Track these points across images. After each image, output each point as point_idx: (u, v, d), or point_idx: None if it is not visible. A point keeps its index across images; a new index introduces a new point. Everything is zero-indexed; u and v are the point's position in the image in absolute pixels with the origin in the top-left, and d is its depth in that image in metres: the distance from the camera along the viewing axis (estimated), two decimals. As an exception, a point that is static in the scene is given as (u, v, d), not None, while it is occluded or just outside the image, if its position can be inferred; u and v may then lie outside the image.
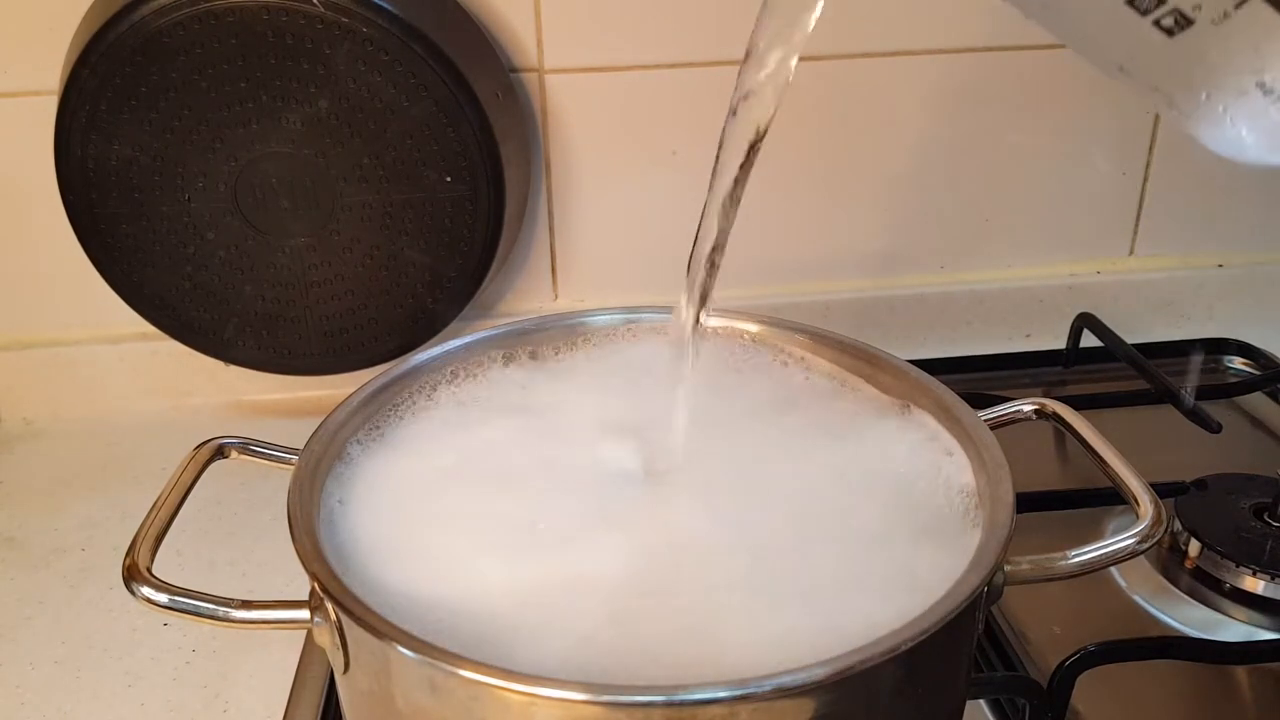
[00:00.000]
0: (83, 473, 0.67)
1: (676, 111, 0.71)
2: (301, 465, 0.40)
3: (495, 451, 0.44)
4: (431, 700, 0.32)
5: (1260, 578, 0.53)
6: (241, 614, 0.36)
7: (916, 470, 0.42)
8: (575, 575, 0.38)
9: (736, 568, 0.38)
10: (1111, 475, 0.41)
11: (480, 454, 0.44)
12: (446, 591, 0.37)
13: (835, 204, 0.75)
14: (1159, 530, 0.38)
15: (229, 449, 0.44)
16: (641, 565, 0.38)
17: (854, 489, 0.42)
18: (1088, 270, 0.79)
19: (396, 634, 0.32)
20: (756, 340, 0.50)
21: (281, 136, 0.61)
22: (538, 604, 0.36)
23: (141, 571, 0.37)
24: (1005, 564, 0.37)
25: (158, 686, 0.51)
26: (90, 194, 0.61)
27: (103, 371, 0.72)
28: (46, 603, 0.57)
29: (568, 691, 0.30)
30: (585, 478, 0.43)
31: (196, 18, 0.58)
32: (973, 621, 0.36)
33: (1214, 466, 0.61)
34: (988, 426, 0.42)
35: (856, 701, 0.32)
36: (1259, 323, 0.78)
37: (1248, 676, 0.50)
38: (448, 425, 0.45)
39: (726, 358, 0.50)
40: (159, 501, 0.40)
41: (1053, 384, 0.75)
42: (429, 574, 0.37)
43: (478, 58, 0.64)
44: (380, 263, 0.65)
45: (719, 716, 0.30)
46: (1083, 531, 0.58)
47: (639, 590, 0.37)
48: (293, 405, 0.72)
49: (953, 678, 0.37)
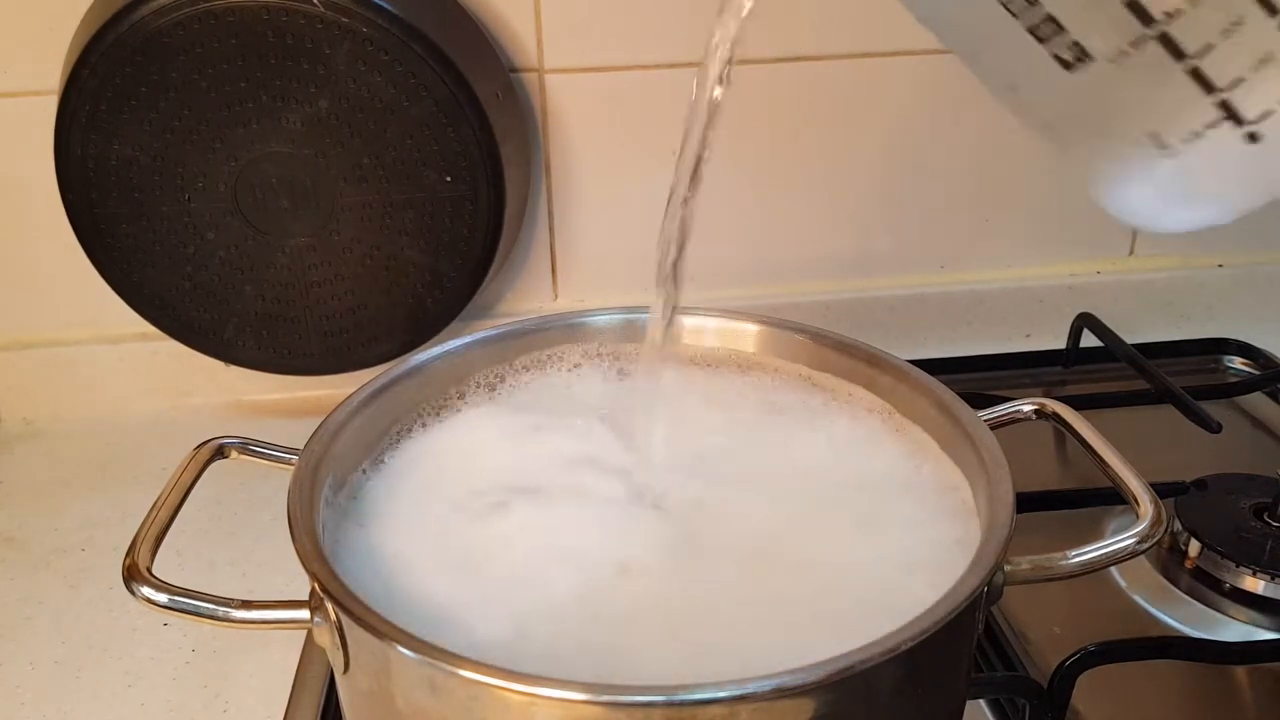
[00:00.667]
0: (83, 473, 0.67)
1: (676, 111, 0.70)
2: (301, 465, 0.40)
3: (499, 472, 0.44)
4: (431, 700, 0.32)
5: (1260, 577, 0.53)
6: (241, 614, 0.36)
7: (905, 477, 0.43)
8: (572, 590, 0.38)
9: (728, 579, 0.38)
10: (1111, 475, 0.41)
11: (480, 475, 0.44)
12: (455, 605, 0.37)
13: (835, 204, 0.75)
14: (1159, 530, 0.38)
15: (229, 449, 0.44)
16: (640, 579, 0.39)
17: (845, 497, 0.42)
18: (1088, 270, 0.79)
19: (396, 634, 0.32)
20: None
21: (281, 136, 0.61)
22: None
23: (141, 571, 0.37)
24: (1005, 564, 0.37)
25: (158, 686, 0.51)
26: (90, 194, 0.61)
27: (103, 371, 0.72)
28: (47, 602, 0.57)
29: (568, 691, 0.30)
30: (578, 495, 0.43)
31: (196, 18, 0.58)
32: (973, 621, 0.36)
33: (1214, 466, 0.61)
34: (988, 426, 0.42)
35: (856, 701, 0.32)
36: (1259, 322, 0.78)
37: (1248, 676, 0.50)
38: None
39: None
40: (159, 501, 0.40)
41: (1053, 384, 0.75)
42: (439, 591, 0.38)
43: (478, 57, 0.64)
44: (380, 263, 0.65)
45: (719, 716, 0.30)
46: (1083, 531, 0.58)
47: (642, 603, 0.37)
48: (293, 405, 0.72)
49: (953, 678, 0.37)
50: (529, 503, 0.42)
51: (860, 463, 0.45)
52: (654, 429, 0.46)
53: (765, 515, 0.42)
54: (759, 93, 0.71)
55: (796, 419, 0.47)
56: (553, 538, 0.40)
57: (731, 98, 0.71)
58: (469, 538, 0.41)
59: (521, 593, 0.38)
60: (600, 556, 0.39)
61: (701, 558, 0.40)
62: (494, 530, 0.41)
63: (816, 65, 0.70)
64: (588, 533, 0.41)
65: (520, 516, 0.41)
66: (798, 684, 0.30)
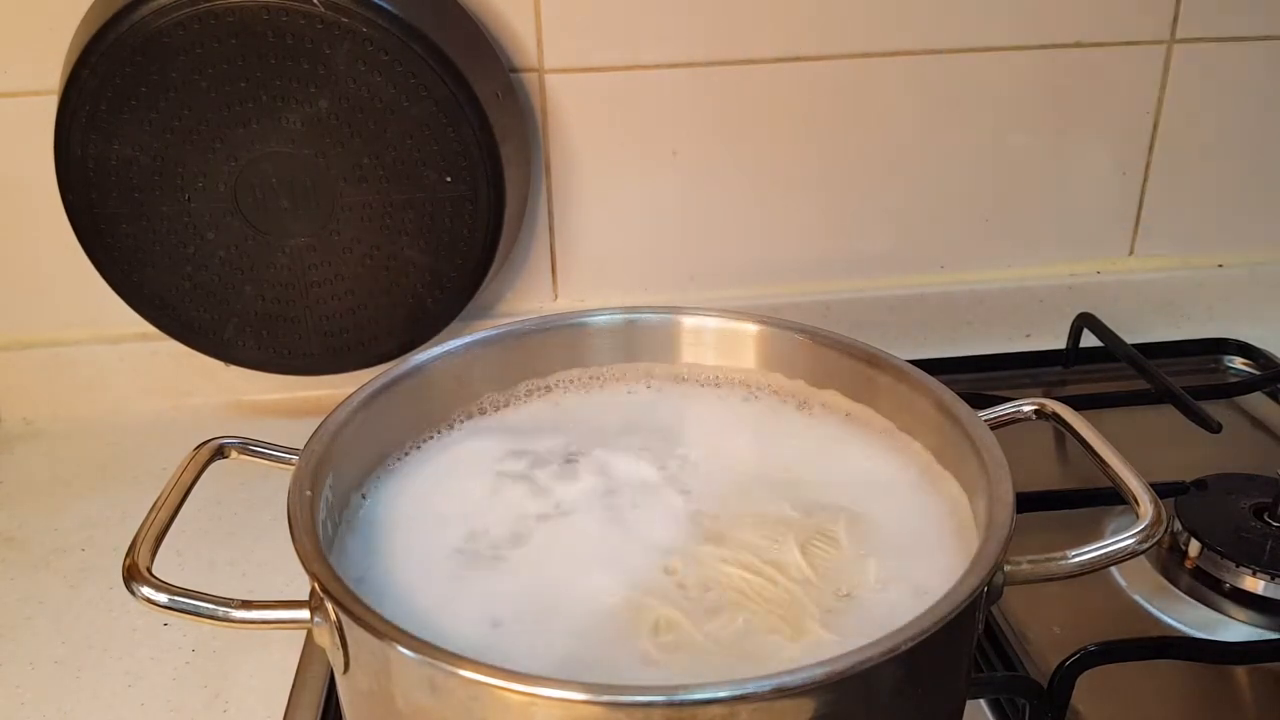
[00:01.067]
0: (83, 472, 0.67)
1: (676, 111, 0.71)
2: (301, 465, 0.40)
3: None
4: (431, 700, 0.32)
5: (1260, 577, 0.53)
6: (241, 614, 0.36)
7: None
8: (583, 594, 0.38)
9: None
10: (1111, 475, 0.41)
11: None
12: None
13: (835, 204, 0.75)
14: (1159, 530, 0.38)
15: (229, 449, 0.44)
16: (654, 584, 0.39)
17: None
18: (1088, 270, 0.79)
19: (396, 634, 0.32)
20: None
21: (281, 136, 0.61)
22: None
23: (141, 571, 0.37)
24: (1005, 564, 0.37)
25: (158, 686, 0.51)
26: (90, 194, 0.61)
27: (103, 371, 0.72)
28: (47, 602, 0.57)
29: (568, 691, 0.30)
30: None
31: (196, 18, 0.58)
32: (973, 621, 0.36)
33: (1214, 466, 0.61)
34: (988, 426, 0.42)
35: (856, 702, 0.32)
36: (1259, 322, 0.78)
37: (1247, 676, 0.50)
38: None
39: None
40: (159, 501, 0.40)
41: (1053, 384, 0.75)
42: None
43: (478, 58, 0.64)
44: (380, 263, 0.65)
45: (719, 716, 0.30)
46: (1083, 531, 0.58)
47: (660, 606, 0.38)
48: (293, 405, 0.72)
49: (952, 678, 0.37)
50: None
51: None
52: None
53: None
54: (759, 93, 0.71)
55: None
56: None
57: (732, 98, 0.71)
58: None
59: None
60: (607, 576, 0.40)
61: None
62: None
63: (817, 65, 0.70)
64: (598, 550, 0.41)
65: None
66: (798, 684, 0.30)
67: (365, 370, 0.67)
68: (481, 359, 0.49)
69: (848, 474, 0.45)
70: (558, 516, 0.43)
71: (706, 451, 0.47)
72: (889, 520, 0.42)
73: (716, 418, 0.49)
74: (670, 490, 0.44)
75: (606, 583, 0.39)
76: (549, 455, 0.46)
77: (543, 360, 0.50)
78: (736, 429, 0.49)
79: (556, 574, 0.40)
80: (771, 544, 0.41)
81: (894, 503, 0.43)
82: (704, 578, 0.39)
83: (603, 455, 0.46)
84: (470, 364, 0.49)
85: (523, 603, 0.38)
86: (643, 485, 0.44)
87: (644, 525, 0.42)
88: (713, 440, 0.48)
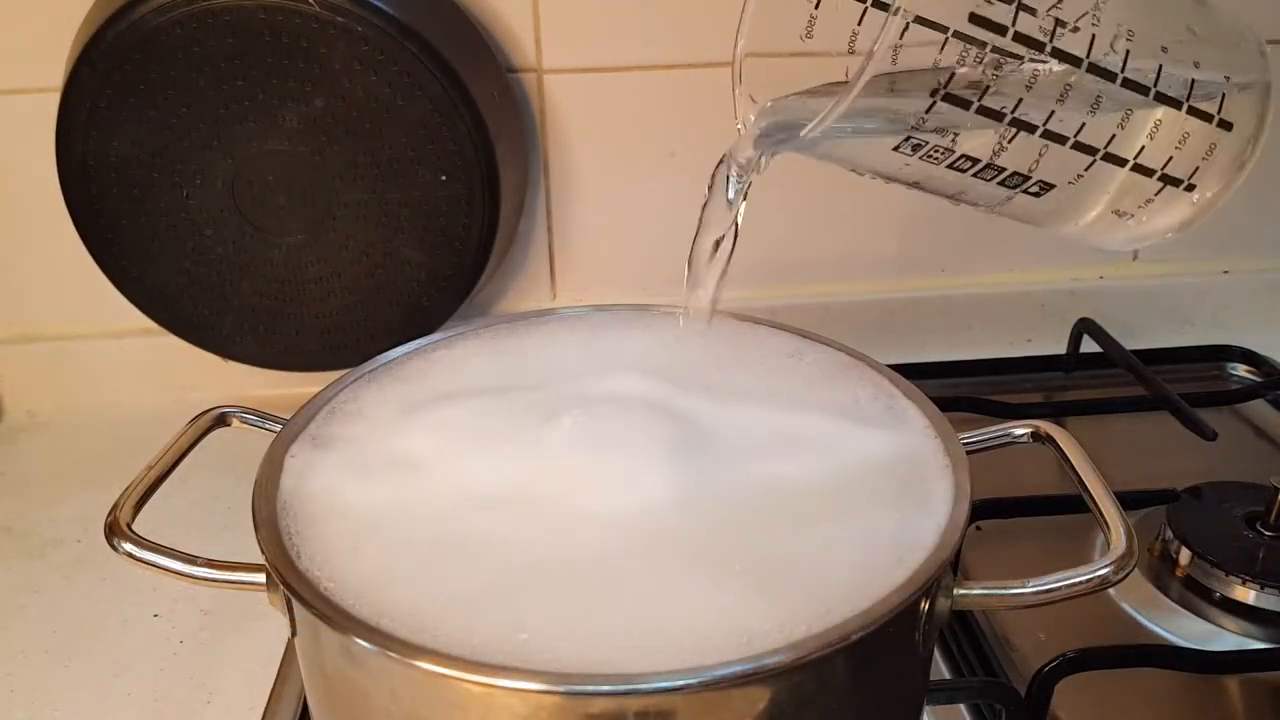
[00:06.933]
0: (84, 464, 0.68)
1: (675, 112, 0.71)
2: (277, 442, 0.41)
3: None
4: (353, 670, 0.33)
5: (1251, 587, 0.52)
6: (204, 571, 0.37)
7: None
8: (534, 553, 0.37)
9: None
10: (1091, 503, 0.40)
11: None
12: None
13: (835, 205, 0.75)
14: (1129, 564, 0.36)
15: (230, 417, 0.44)
16: (602, 542, 0.38)
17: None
18: (1090, 275, 0.79)
19: (351, 624, 0.33)
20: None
21: (278, 134, 0.62)
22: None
23: (122, 527, 0.38)
24: (955, 589, 0.35)
25: (145, 677, 0.52)
26: (90, 190, 0.62)
27: (105, 365, 0.73)
28: (41, 592, 0.57)
29: (528, 682, 0.30)
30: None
31: (195, 16, 0.58)
32: (908, 643, 0.35)
33: (1212, 474, 0.60)
34: (964, 449, 0.40)
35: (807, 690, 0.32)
36: (1263, 329, 0.78)
37: (1235, 687, 0.49)
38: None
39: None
40: (152, 463, 0.41)
41: (1053, 389, 0.75)
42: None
43: (474, 58, 0.65)
44: (376, 261, 0.66)
45: (669, 704, 0.30)
46: (1077, 539, 0.57)
47: (596, 568, 0.36)
48: (292, 401, 0.72)
49: (894, 692, 0.37)
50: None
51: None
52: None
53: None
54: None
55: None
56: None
57: (730, 98, 0.71)
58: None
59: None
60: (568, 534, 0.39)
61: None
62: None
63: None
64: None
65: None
66: (748, 672, 0.30)
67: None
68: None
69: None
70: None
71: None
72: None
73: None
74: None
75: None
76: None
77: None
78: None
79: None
80: None
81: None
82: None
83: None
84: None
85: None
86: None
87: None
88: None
